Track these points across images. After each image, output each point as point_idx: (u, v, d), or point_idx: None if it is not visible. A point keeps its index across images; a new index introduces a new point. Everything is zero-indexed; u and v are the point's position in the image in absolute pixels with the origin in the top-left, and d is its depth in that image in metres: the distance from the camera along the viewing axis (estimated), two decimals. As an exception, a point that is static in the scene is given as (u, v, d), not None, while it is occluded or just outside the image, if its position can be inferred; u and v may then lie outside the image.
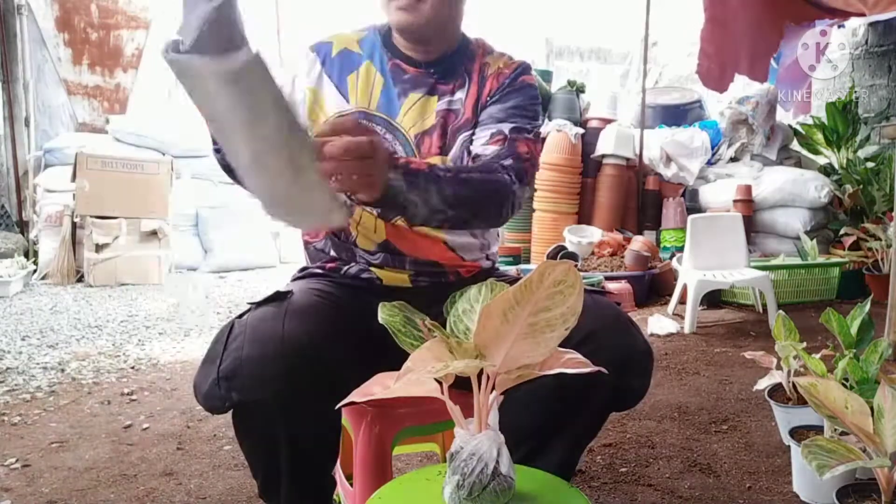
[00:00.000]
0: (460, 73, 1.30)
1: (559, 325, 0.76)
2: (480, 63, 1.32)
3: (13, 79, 5.71)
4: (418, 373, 0.76)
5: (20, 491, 1.77)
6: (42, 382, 2.65)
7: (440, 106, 1.27)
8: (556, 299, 0.74)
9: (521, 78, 1.31)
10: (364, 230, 1.25)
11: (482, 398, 0.82)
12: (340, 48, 1.31)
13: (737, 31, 4.35)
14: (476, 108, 1.28)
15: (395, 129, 1.26)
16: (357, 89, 1.27)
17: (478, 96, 1.29)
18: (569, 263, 0.74)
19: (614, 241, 4.48)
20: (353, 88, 1.28)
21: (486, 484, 0.81)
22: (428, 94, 1.28)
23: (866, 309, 1.79)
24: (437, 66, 1.29)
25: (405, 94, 1.27)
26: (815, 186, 4.52)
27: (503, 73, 1.31)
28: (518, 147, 1.22)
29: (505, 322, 0.75)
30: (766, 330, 3.26)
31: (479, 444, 0.82)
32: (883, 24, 5.50)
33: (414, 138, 1.26)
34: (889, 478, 1.25)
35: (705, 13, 4.22)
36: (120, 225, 4.93)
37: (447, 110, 1.27)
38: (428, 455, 1.86)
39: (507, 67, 1.32)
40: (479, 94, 1.29)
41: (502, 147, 1.21)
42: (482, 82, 1.30)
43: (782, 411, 1.96)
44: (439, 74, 1.29)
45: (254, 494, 1.74)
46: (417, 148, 1.26)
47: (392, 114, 1.26)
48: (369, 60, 1.29)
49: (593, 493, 1.71)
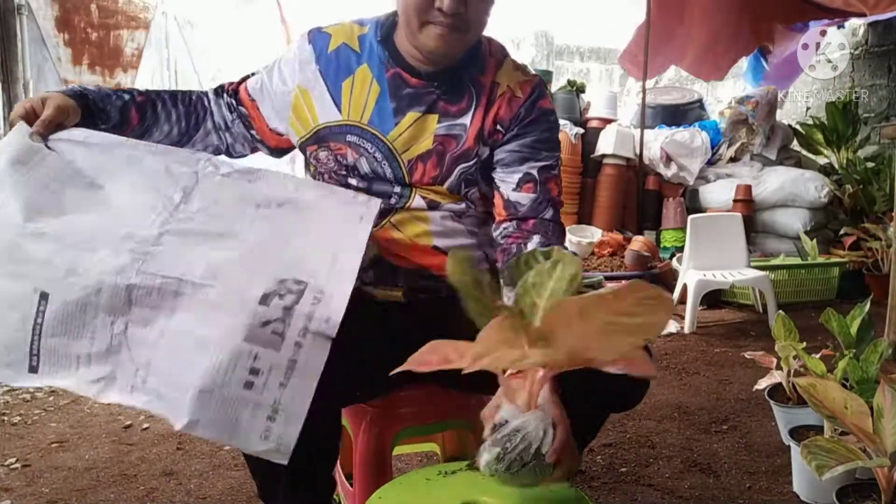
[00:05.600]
0: (467, 89, 1.19)
1: (639, 333, 0.74)
2: (491, 80, 1.20)
3: (13, 79, 5.70)
4: (492, 357, 0.74)
5: (20, 491, 1.77)
6: (42, 382, 2.65)
7: (439, 129, 1.18)
8: (642, 307, 0.72)
9: (539, 104, 1.21)
10: None
11: (534, 376, 0.81)
12: (338, 43, 1.21)
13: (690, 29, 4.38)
14: (480, 136, 1.19)
15: (387, 150, 1.18)
16: (350, 99, 1.19)
17: (482, 123, 1.19)
18: (660, 289, 0.73)
19: (614, 241, 4.48)
20: (347, 97, 1.19)
21: (527, 462, 0.81)
22: (427, 111, 1.18)
23: (866, 309, 1.79)
24: (443, 79, 1.18)
25: (402, 111, 1.17)
26: (815, 186, 4.51)
27: (516, 98, 1.19)
28: (551, 191, 1.19)
29: (581, 318, 0.73)
30: (766, 330, 3.26)
31: (527, 423, 0.82)
32: (883, 24, 5.50)
33: (407, 163, 1.18)
34: (889, 478, 1.25)
35: (649, 8, 4.27)
36: (120, 225, 4.93)
37: (446, 135, 1.18)
38: (428, 455, 1.86)
39: (521, 90, 1.20)
40: (485, 121, 1.19)
41: (536, 194, 1.17)
42: (489, 106, 1.19)
43: (782, 411, 1.96)
44: (443, 89, 1.18)
45: (254, 494, 1.74)
46: (409, 174, 1.18)
47: (385, 130, 1.17)
48: (367, 64, 1.19)
49: (593, 493, 1.71)
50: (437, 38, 1.10)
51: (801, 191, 4.54)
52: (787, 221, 4.55)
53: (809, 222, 4.49)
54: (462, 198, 1.21)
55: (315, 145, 1.22)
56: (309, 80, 1.22)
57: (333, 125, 1.20)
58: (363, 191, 1.19)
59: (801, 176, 4.64)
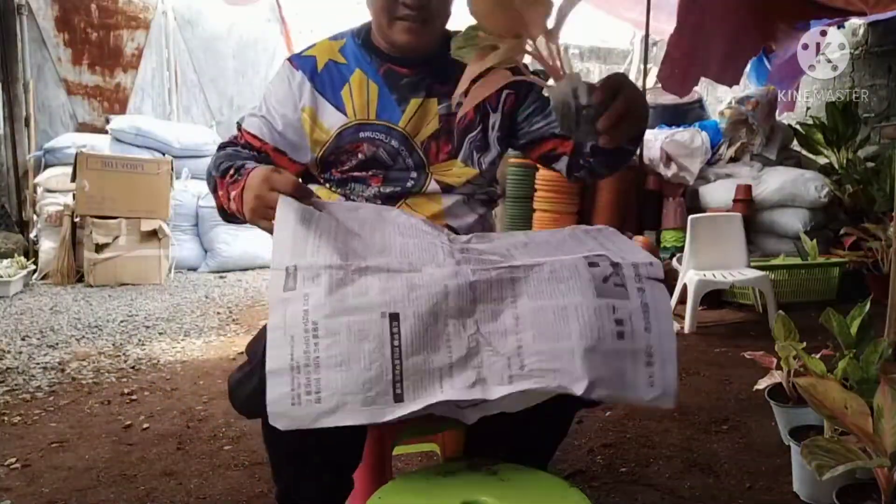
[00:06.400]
0: (452, 70, 1.26)
1: None
2: None
3: (13, 79, 5.70)
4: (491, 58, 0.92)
5: (20, 491, 1.77)
6: (42, 382, 2.65)
7: (441, 109, 1.27)
8: None
9: None
10: None
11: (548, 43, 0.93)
12: (325, 61, 1.28)
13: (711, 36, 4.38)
14: (478, 107, 1.27)
15: (400, 136, 1.26)
16: (353, 101, 1.26)
17: None
18: None
19: (614, 240, 4.47)
20: (349, 101, 1.26)
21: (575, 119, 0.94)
22: (427, 96, 1.27)
23: (866, 309, 1.79)
24: (429, 64, 1.27)
25: (405, 100, 1.26)
26: (815, 186, 4.51)
27: None
28: None
29: None
30: (766, 330, 3.25)
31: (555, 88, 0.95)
32: (883, 24, 5.49)
33: (421, 145, 1.26)
34: (889, 478, 1.25)
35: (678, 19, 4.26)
36: (120, 225, 4.92)
37: (449, 114, 1.27)
38: (428, 455, 1.86)
39: None
40: None
41: None
42: None
43: (782, 411, 1.96)
44: (433, 74, 1.27)
45: (253, 494, 1.74)
46: (426, 153, 1.27)
47: (394, 120, 1.25)
48: (359, 69, 1.27)
49: (593, 493, 1.71)
50: (407, 32, 1.20)
51: (801, 191, 4.54)
52: (787, 221, 4.55)
53: (809, 222, 4.49)
54: (475, 166, 1.29)
55: (333, 153, 1.27)
56: (309, 100, 1.26)
57: (345, 128, 1.25)
58: (381, 179, 1.25)
59: (801, 176, 4.63)
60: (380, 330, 0.88)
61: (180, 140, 5.75)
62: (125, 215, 4.95)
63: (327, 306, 0.88)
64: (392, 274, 0.93)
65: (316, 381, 0.85)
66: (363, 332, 0.88)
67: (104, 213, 4.92)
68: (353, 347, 0.87)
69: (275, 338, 0.87)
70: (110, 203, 4.94)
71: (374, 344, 0.87)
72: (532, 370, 0.89)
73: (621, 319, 0.92)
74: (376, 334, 0.88)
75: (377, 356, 0.87)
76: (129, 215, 4.96)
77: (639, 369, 0.91)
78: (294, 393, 0.85)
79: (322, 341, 0.87)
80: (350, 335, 0.87)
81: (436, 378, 0.88)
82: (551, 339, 0.90)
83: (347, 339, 0.87)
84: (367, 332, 0.88)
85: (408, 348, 0.88)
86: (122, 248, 4.92)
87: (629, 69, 7.44)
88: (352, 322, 0.88)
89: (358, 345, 0.87)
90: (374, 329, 0.88)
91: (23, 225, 5.69)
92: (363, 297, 0.90)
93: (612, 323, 0.91)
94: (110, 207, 4.94)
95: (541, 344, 0.90)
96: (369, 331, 0.88)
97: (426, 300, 0.91)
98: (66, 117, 6.12)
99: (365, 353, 0.87)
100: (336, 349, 0.86)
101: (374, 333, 0.88)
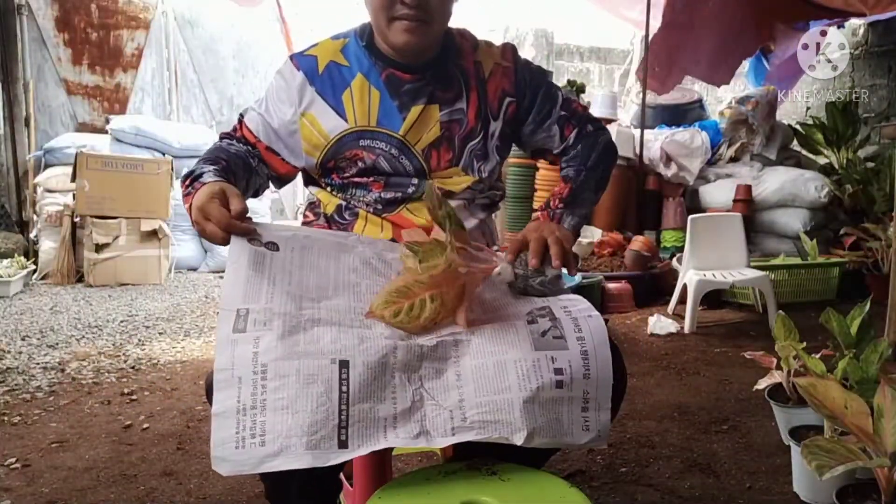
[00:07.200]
0: (454, 76, 1.28)
1: None
2: (472, 62, 1.30)
3: (13, 79, 5.70)
4: None
5: (20, 491, 1.77)
6: (42, 382, 2.65)
7: (443, 117, 1.26)
8: None
9: (524, 62, 1.35)
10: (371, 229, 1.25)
11: None
12: (326, 62, 1.26)
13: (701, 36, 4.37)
14: (480, 114, 1.28)
15: (401, 144, 1.24)
16: (354, 107, 1.24)
17: (479, 102, 1.28)
18: None
19: (614, 240, 4.47)
20: (350, 106, 1.24)
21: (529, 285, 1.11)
22: (428, 102, 1.25)
23: (866, 309, 1.79)
24: (430, 69, 1.26)
25: (406, 107, 1.24)
26: (815, 186, 4.51)
27: (506, 67, 1.31)
28: (579, 111, 1.35)
29: None
30: (766, 330, 3.26)
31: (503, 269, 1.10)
32: (883, 24, 5.50)
33: (422, 152, 1.25)
34: (889, 478, 1.25)
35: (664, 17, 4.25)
36: (120, 225, 4.92)
37: (450, 121, 1.26)
38: (428, 455, 1.86)
39: (505, 59, 1.32)
40: (484, 98, 1.29)
41: (575, 125, 1.33)
42: (482, 86, 1.29)
43: (782, 411, 1.96)
44: (435, 79, 1.26)
45: (253, 494, 1.74)
46: (426, 161, 1.26)
47: (394, 127, 1.24)
48: (360, 73, 1.25)
49: (593, 493, 1.71)
50: (406, 32, 1.18)
51: (801, 191, 4.54)
52: (787, 221, 4.55)
53: (809, 222, 4.49)
54: (475, 174, 1.29)
55: (333, 160, 1.27)
56: (309, 103, 1.25)
57: (344, 135, 1.24)
58: (382, 185, 1.25)
59: (801, 176, 4.63)
60: (329, 375, 0.90)
61: (180, 140, 5.74)
62: (125, 215, 4.95)
63: (279, 349, 0.91)
64: (343, 329, 0.96)
65: (261, 424, 0.87)
66: (313, 377, 0.89)
67: (104, 213, 4.92)
68: (301, 390, 0.88)
69: (221, 379, 0.89)
70: (110, 203, 4.94)
71: (323, 388, 0.89)
72: (473, 422, 0.93)
73: (560, 368, 0.96)
74: (325, 378, 0.90)
75: (325, 400, 0.88)
76: (128, 215, 4.96)
77: (575, 415, 0.97)
78: (238, 436, 0.86)
79: (270, 383, 0.88)
80: (299, 378, 0.89)
81: (380, 427, 0.90)
82: (491, 392, 0.94)
83: (297, 381, 0.89)
84: (317, 375, 0.90)
85: (355, 395, 0.90)
86: (122, 248, 4.92)
87: (629, 69, 7.45)
88: (301, 366, 0.90)
89: (306, 388, 0.89)
90: (324, 374, 0.90)
91: (23, 225, 5.69)
92: (315, 344, 0.93)
93: (552, 373, 0.95)
94: (110, 207, 4.94)
95: (482, 396, 0.94)
96: (319, 375, 0.90)
97: (375, 351, 0.94)
98: (66, 117, 6.12)
99: (313, 396, 0.88)
100: (284, 392, 0.88)
101: (323, 378, 0.90)
